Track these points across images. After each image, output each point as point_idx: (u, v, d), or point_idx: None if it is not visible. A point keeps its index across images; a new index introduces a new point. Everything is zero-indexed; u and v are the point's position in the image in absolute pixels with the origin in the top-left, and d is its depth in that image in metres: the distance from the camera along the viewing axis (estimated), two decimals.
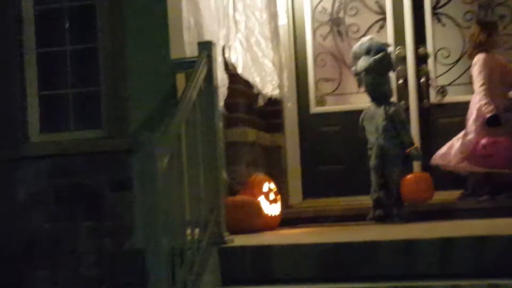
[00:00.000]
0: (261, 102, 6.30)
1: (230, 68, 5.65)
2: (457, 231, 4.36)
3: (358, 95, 6.57)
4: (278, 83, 6.34)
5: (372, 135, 6.01)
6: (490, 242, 3.84)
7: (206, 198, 4.11)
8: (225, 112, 5.49)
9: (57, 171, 5.18)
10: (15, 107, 5.31)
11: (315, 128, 6.83)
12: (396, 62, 6.30)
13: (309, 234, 5.20)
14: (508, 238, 3.83)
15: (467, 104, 6.16)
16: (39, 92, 5.38)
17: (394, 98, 6.41)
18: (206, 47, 4.33)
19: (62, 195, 5.14)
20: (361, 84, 6.08)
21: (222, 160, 4.51)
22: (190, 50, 4.79)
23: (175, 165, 3.72)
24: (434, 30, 6.65)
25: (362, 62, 6.00)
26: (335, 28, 6.85)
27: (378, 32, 6.72)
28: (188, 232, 3.87)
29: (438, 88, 6.61)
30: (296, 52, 6.87)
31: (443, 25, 6.64)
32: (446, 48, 6.62)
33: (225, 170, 4.97)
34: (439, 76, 6.63)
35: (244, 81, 5.96)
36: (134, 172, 4.19)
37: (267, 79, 6.16)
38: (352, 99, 6.74)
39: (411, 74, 6.62)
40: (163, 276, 3.48)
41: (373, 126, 5.99)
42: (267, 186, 5.74)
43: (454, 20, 6.62)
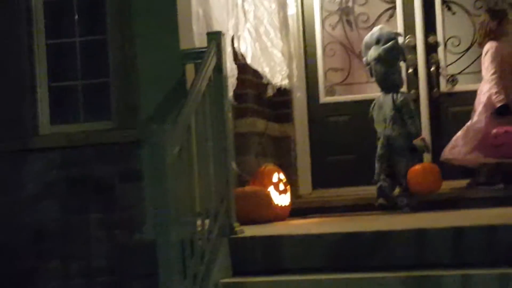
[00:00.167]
0: (270, 92, 6.29)
1: (239, 58, 5.64)
2: (468, 220, 4.35)
3: (368, 85, 6.55)
4: (287, 73, 6.32)
5: (380, 125, 5.99)
6: (502, 231, 3.83)
7: (216, 188, 4.10)
8: (234, 102, 5.48)
9: (67, 163, 5.19)
10: (25, 99, 5.32)
11: (325, 118, 6.82)
12: (406, 51, 6.26)
13: (319, 224, 5.20)
14: None
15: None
16: (49, 84, 5.39)
17: (404, 87, 6.38)
18: (215, 37, 4.31)
19: (72, 186, 5.15)
20: (372, 74, 6.07)
21: (231, 150, 4.50)
22: (199, 41, 4.78)
23: (184, 156, 3.72)
24: (444, 19, 6.61)
25: (372, 52, 5.99)
26: (344, 17, 6.82)
27: (387, 21, 6.69)
28: (198, 223, 3.87)
29: (448, 77, 6.58)
30: (305, 42, 6.85)
31: (453, 13, 6.61)
32: (456, 37, 6.58)
33: (234, 160, 4.96)
34: (449, 65, 6.60)
35: (253, 71, 5.95)
36: (143, 163, 4.19)
37: (276, 69, 6.14)
38: (361, 88, 6.71)
39: (421, 63, 6.59)
40: (174, 267, 3.48)
41: (381, 116, 5.98)
42: (276, 176, 5.73)
43: (464, 8, 6.58)
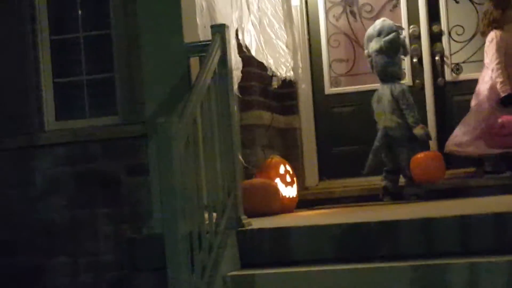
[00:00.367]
0: (275, 84, 6.29)
1: (243, 50, 5.63)
2: (475, 208, 4.34)
3: (373, 75, 6.51)
4: (292, 64, 6.31)
5: (379, 116, 6.01)
6: (509, 219, 3.82)
7: (223, 181, 4.10)
8: (239, 95, 5.48)
9: (73, 158, 5.20)
10: (30, 96, 5.33)
11: (330, 109, 6.81)
12: (407, 45, 6.26)
13: (326, 215, 5.20)
14: None
15: None
16: (54, 80, 5.39)
17: (409, 77, 6.38)
18: (219, 30, 4.30)
19: (79, 182, 5.17)
20: (373, 66, 6.08)
21: (238, 143, 4.50)
22: (203, 34, 4.78)
23: (191, 149, 3.72)
24: (448, 8, 6.59)
25: (374, 44, 6.02)
26: (348, 8, 6.81)
27: (391, 11, 6.68)
28: (206, 216, 3.88)
29: (453, 65, 6.57)
30: (309, 33, 6.84)
31: (457, 2, 6.58)
32: (460, 26, 6.56)
33: (241, 153, 4.97)
34: (453, 54, 6.58)
35: (258, 63, 5.94)
36: (150, 157, 4.19)
37: (281, 61, 6.14)
38: (366, 79, 6.70)
39: (425, 52, 6.58)
40: (182, 261, 3.48)
41: (380, 107, 6.01)
42: (283, 168, 5.73)
43: None
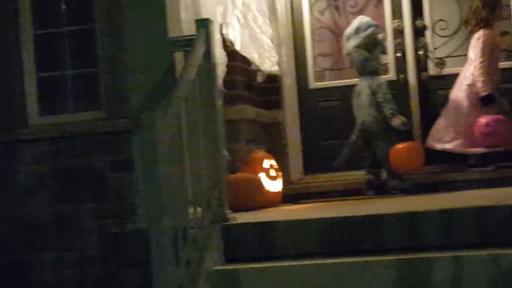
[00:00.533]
0: (260, 79, 6.29)
1: (228, 45, 5.63)
2: (459, 202, 4.36)
3: None
4: (276, 59, 6.31)
5: (358, 111, 6.05)
6: (492, 212, 3.85)
7: (207, 176, 4.10)
8: (224, 89, 5.47)
9: (57, 153, 5.18)
10: (14, 90, 5.30)
11: (315, 104, 6.82)
12: (394, 36, 6.28)
13: (311, 209, 5.21)
14: (509, 207, 3.84)
15: None
16: (37, 74, 5.36)
17: (393, 72, 6.41)
18: (203, 24, 4.30)
19: (63, 177, 5.14)
20: (353, 63, 6.12)
21: (222, 138, 4.50)
22: (188, 29, 4.77)
23: (176, 144, 3.71)
24: (431, 2, 6.62)
25: (352, 41, 6.09)
26: (333, 2, 6.82)
27: (375, 6, 6.70)
28: (191, 210, 3.87)
29: (437, 60, 6.59)
30: (294, 28, 6.84)
31: None
32: (444, 20, 6.59)
33: (225, 147, 4.96)
34: (437, 48, 6.61)
35: (243, 58, 5.94)
36: (135, 152, 4.18)
37: (266, 56, 6.14)
38: (351, 73, 6.68)
39: (409, 47, 6.60)
40: (167, 255, 3.48)
41: (358, 102, 6.05)
42: (267, 162, 5.73)
43: None
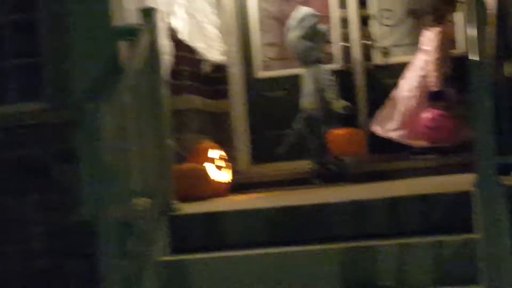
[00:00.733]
0: (206, 68, 6.26)
1: (174, 35, 5.58)
2: (403, 190, 4.41)
3: None
4: (223, 48, 6.29)
5: (302, 99, 6.12)
6: (435, 200, 3.91)
7: (153, 167, 4.08)
8: (170, 79, 5.43)
9: (0, 144, 5.10)
10: None
11: (262, 93, 6.82)
12: (340, 26, 6.33)
13: (258, 199, 5.22)
14: (453, 195, 3.90)
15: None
16: None
17: (338, 61, 6.46)
18: (148, 13, 4.26)
19: (6, 169, 5.07)
20: (297, 53, 6.15)
21: (168, 128, 4.47)
22: (132, 18, 4.72)
23: (120, 134, 3.68)
24: None
25: (296, 32, 6.12)
26: None
27: None
28: (137, 201, 3.85)
29: (381, 49, 6.65)
30: (241, 17, 6.82)
31: None
32: (389, 10, 6.64)
33: (172, 138, 4.94)
34: (382, 38, 6.66)
35: (189, 48, 5.90)
36: (79, 143, 4.13)
37: (212, 45, 6.11)
38: (297, 63, 6.73)
39: (355, 36, 6.64)
40: (113, 247, 3.45)
41: (302, 90, 6.10)
42: (214, 153, 5.72)
43: None
